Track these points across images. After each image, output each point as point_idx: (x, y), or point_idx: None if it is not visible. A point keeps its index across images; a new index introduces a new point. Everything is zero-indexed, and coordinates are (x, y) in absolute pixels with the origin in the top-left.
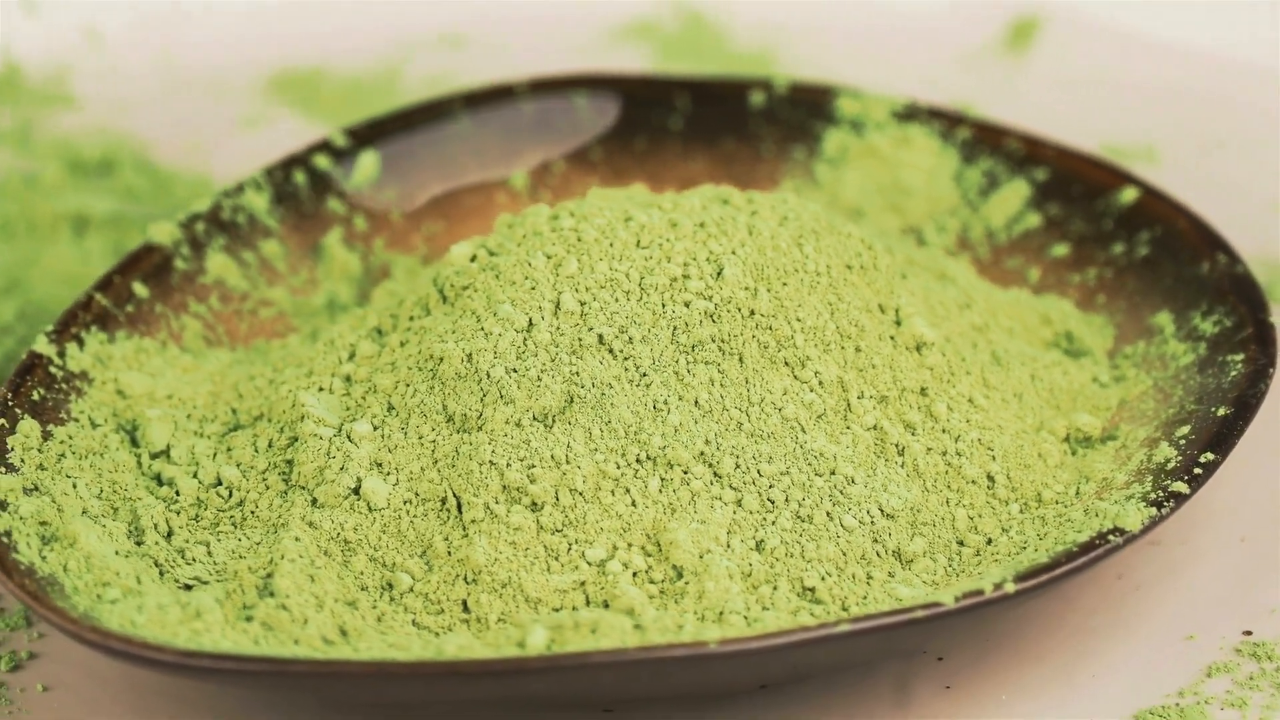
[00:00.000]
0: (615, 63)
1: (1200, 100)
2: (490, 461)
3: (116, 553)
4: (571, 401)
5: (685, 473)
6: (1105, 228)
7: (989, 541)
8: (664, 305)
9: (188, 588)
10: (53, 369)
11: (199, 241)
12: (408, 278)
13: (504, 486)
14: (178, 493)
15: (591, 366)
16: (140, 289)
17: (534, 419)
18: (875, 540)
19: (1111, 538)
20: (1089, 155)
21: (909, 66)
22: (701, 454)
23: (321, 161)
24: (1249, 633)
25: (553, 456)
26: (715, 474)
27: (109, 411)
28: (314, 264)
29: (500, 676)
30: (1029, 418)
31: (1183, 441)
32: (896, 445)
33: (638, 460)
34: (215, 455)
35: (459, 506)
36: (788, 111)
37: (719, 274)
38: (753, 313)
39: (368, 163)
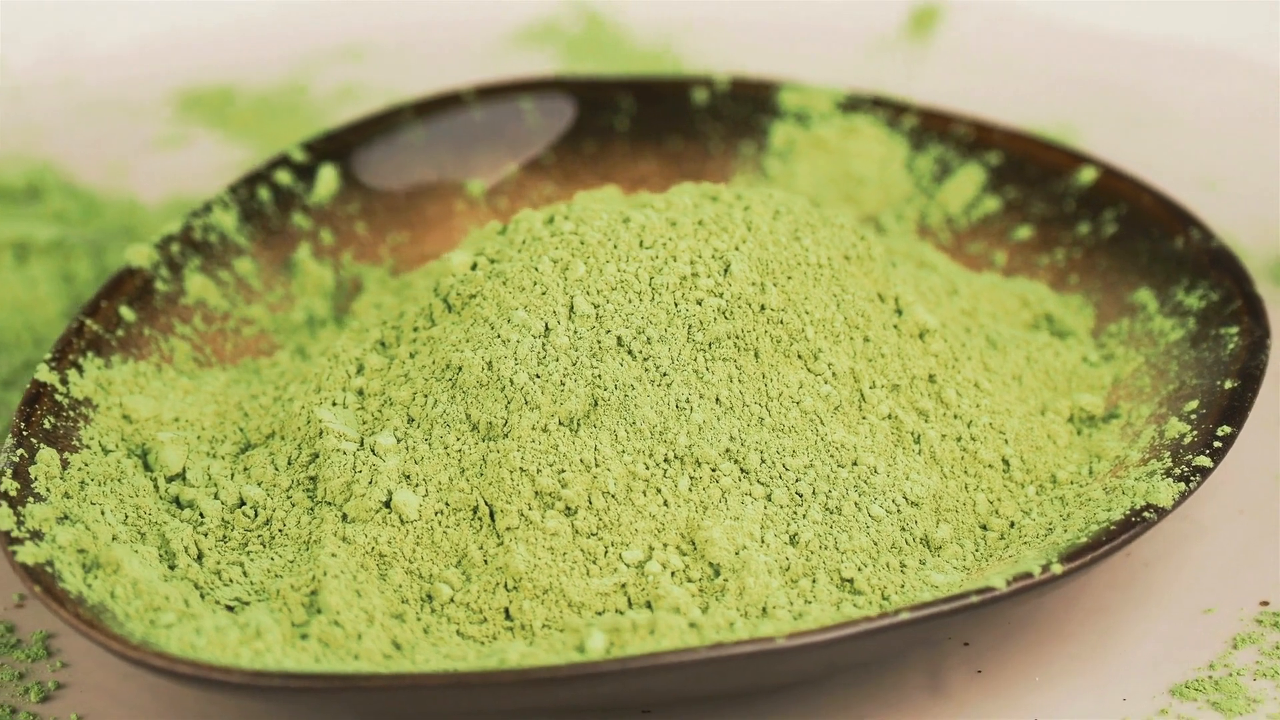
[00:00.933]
0: (523, 67)
1: (1106, 82)
2: (520, 468)
3: (159, 577)
4: (596, 404)
5: (713, 470)
6: (1068, 208)
7: (1012, 525)
8: (676, 304)
9: (229, 609)
10: (58, 396)
11: (176, 263)
12: (380, 289)
13: (536, 492)
14: (202, 515)
15: (613, 369)
16: (127, 313)
17: (560, 424)
18: (903, 529)
19: (1146, 515)
20: (1040, 137)
21: (810, 57)
22: (727, 450)
23: (283, 177)
24: (1266, 603)
25: (582, 460)
26: (742, 470)
27: (118, 437)
28: (288, 280)
29: (571, 682)
30: (1031, 400)
31: (1193, 416)
32: (912, 433)
33: (665, 460)
34: (233, 475)
35: (491, 515)
36: (731, 107)
37: (726, 271)
38: (763, 308)
39: (328, 177)
